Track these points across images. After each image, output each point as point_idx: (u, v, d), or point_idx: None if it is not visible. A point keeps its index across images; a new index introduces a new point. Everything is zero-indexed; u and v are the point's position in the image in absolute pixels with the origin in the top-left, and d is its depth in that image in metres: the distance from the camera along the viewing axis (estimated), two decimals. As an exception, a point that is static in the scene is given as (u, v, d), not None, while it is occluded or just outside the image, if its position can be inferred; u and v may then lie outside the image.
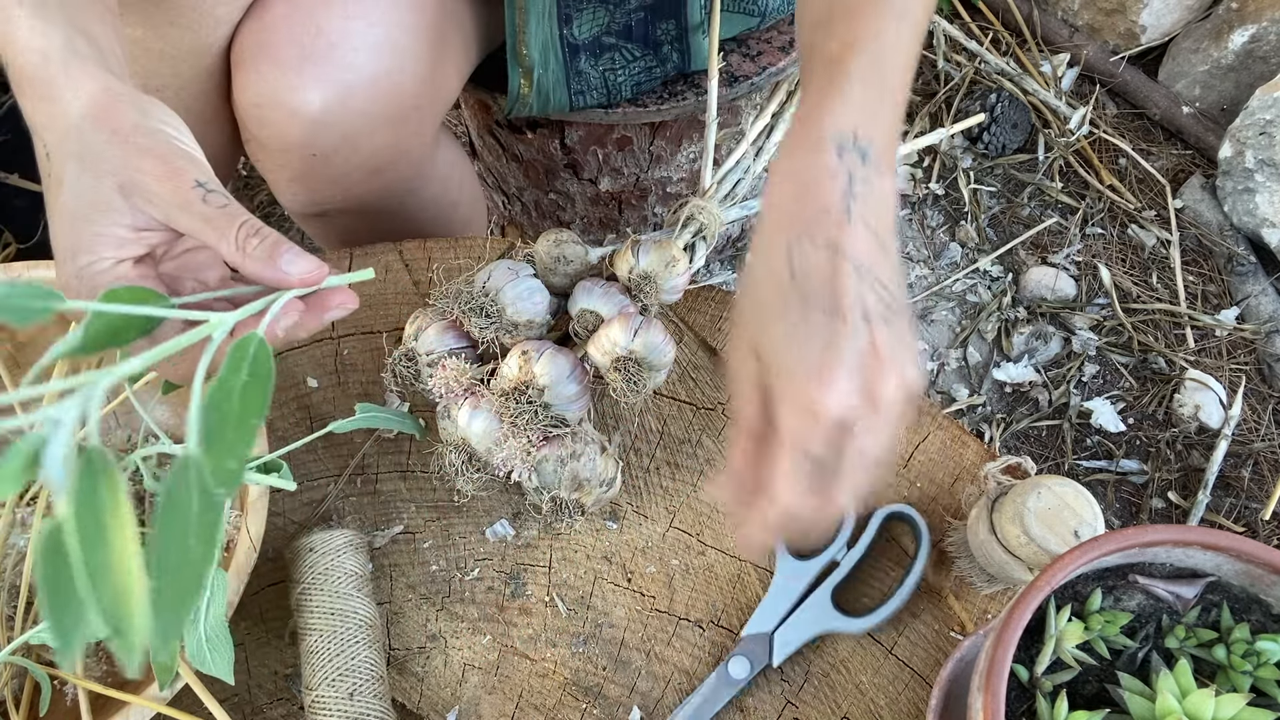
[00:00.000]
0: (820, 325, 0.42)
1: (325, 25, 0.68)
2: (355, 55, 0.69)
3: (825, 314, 0.42)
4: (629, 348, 0.64)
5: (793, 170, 0.47)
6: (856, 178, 0.46)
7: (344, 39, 0.68)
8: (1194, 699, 0.45)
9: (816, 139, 0.47)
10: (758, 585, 0.69)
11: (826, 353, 0.42)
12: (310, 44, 0.68)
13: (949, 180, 1.48)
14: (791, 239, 0.44)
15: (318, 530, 0.65)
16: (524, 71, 0.83)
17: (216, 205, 0.44)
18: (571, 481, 0.65)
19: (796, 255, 0.44)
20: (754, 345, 0.45)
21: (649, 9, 0.83)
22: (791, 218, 0.45)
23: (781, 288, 0.44)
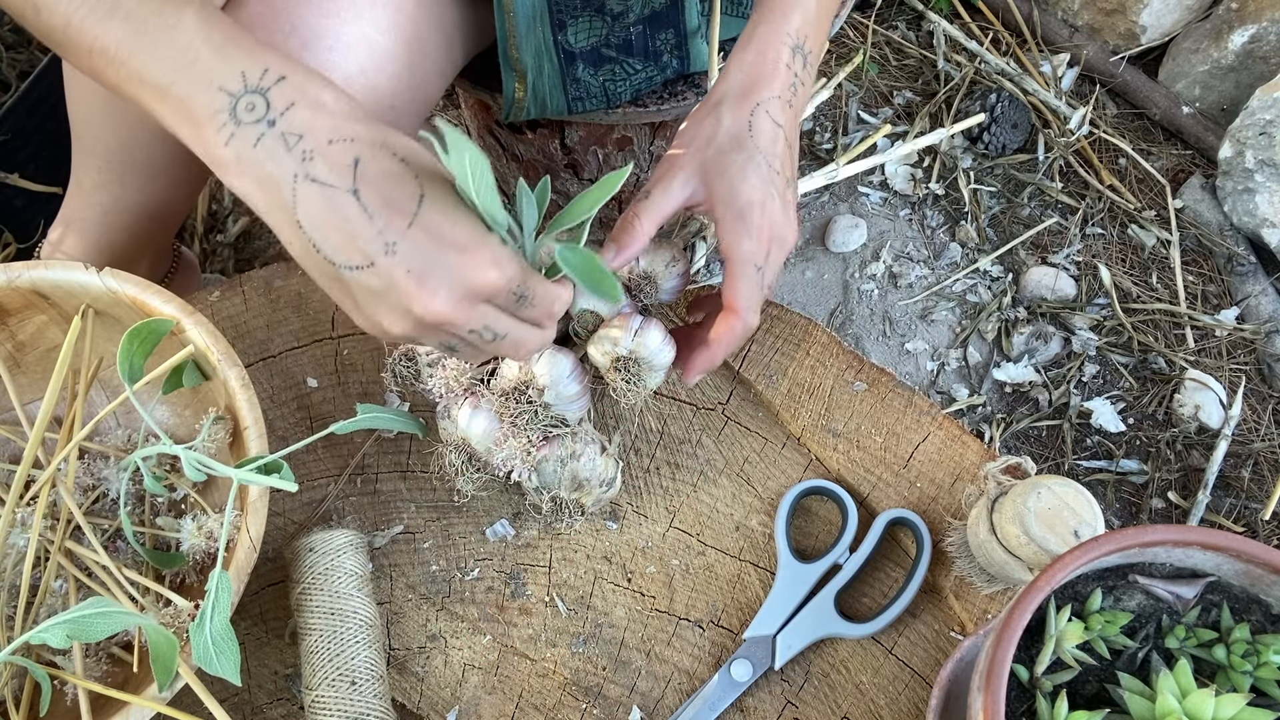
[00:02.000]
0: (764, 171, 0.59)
1: (299, 23, 0.67)
2: (330, 54, 0.68)
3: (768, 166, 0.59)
4: (629, 348, 0.64)
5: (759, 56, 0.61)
6: (799, 78, 0.63)
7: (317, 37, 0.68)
8: (1194, 699, 0.45)
9: (782, 35, 0.62)
10: (758, 585, 0.69)
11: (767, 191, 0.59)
12: (284, 43, 0.67)
13: (949, 180, 1.48)
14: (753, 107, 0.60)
15: (318, 530, 0.65)
16: (518, 75, 0.82)
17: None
18: (571, 481, 0.66)
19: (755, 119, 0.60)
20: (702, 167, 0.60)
21: (647, 21, 0.83)
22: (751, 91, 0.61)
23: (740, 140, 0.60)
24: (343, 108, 0.47)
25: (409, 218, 0.46)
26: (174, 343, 0.63)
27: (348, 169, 0.46)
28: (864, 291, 1.40)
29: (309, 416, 0.74)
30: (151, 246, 0.98)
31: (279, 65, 0.47)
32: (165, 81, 0.48)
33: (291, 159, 0.46)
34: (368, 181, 0.46)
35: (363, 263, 0.46)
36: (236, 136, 0.46)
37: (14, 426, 0.69)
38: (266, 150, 0.46)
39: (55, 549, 0.61)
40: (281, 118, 0.46)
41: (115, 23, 0.48)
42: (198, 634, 0.54)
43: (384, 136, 0.47)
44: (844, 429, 0.72)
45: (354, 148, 0.46)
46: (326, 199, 0.46)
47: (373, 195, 0.45)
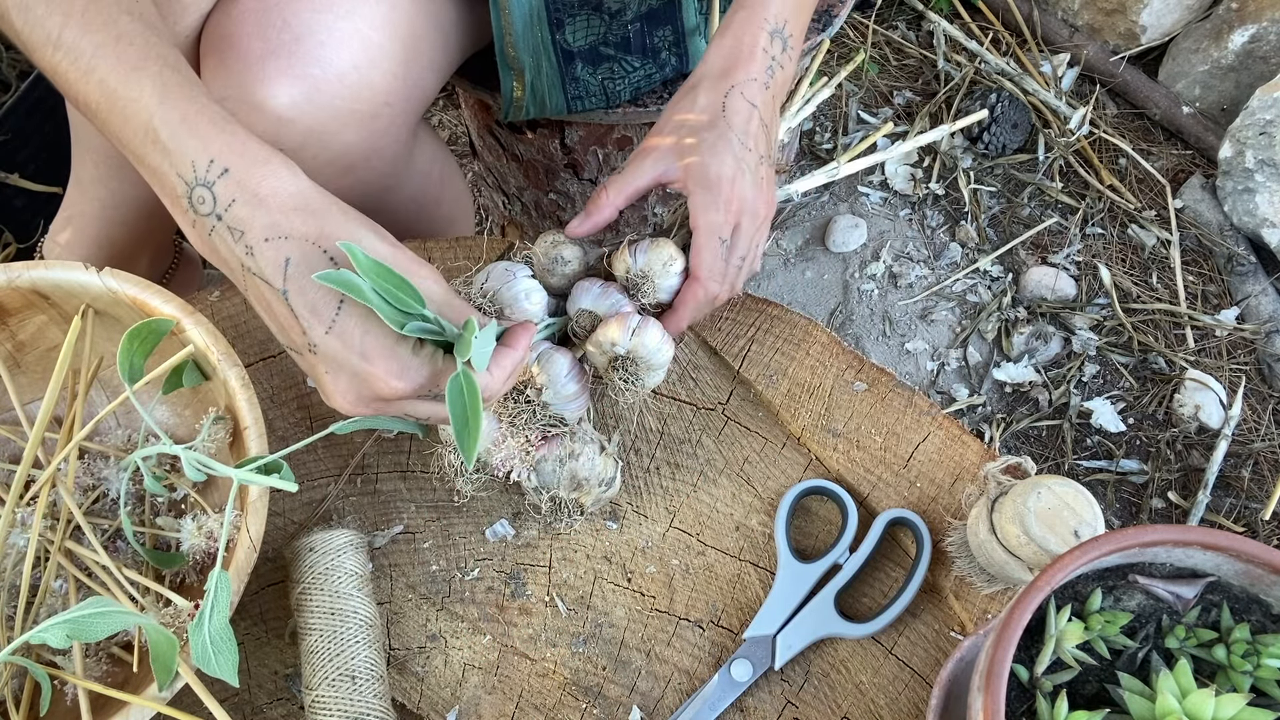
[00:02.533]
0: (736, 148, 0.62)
1: (292, 18, 0.67)
2: (322, 49, 0.68)
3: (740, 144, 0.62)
4: (626, 347, 0.64)
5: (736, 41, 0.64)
6: (776, 61, 0.65)
7: (310, 33, 0.67)
8: (1194, 699, 0.45)
9: (759, 21, 0.64)
10: (758, 585, 0.69)
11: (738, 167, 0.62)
12: (276, 37, 0.67)
13: (949, 180, 1.48)
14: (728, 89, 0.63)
15: (318, 530, 0.65)
16: (516, 74, 0.82)
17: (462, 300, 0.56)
18: (570, 481, 0.66)
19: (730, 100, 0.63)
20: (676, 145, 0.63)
21: (644, 19, 0.83)
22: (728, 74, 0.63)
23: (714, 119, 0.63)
24: (282, 201, 0.50)
25: (327, 325, 0.50)
26: (174, 343, 0.63)
27: (279, 269, 0.49)
28: (864, 291, 1.40)
29: (309, 416, 0.74)
30: (151, 242, 0.98)
31: (224, 155, 0.50)
32: (138, 151, 0.51)
33: (239, 249, 0.50)
34: (295, 283, 0.49)
35: (295, 349, 0.52)
36: (197, 223, 0.51)
37: (14, 426, 0.69)
38: (220, 239, 0.50)
39: (55, 549, 0.61)
40: (227, 212, 0.50)
41: (91, 85, 0.51)
42: (196, 634, 0.54)
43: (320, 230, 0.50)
44: (844, 429, 0.72)
45: (286, 247, 0.49)
46: (264, 293, 0.50)
47: (298, 298, 0.49)
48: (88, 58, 0.51)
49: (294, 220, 0.50)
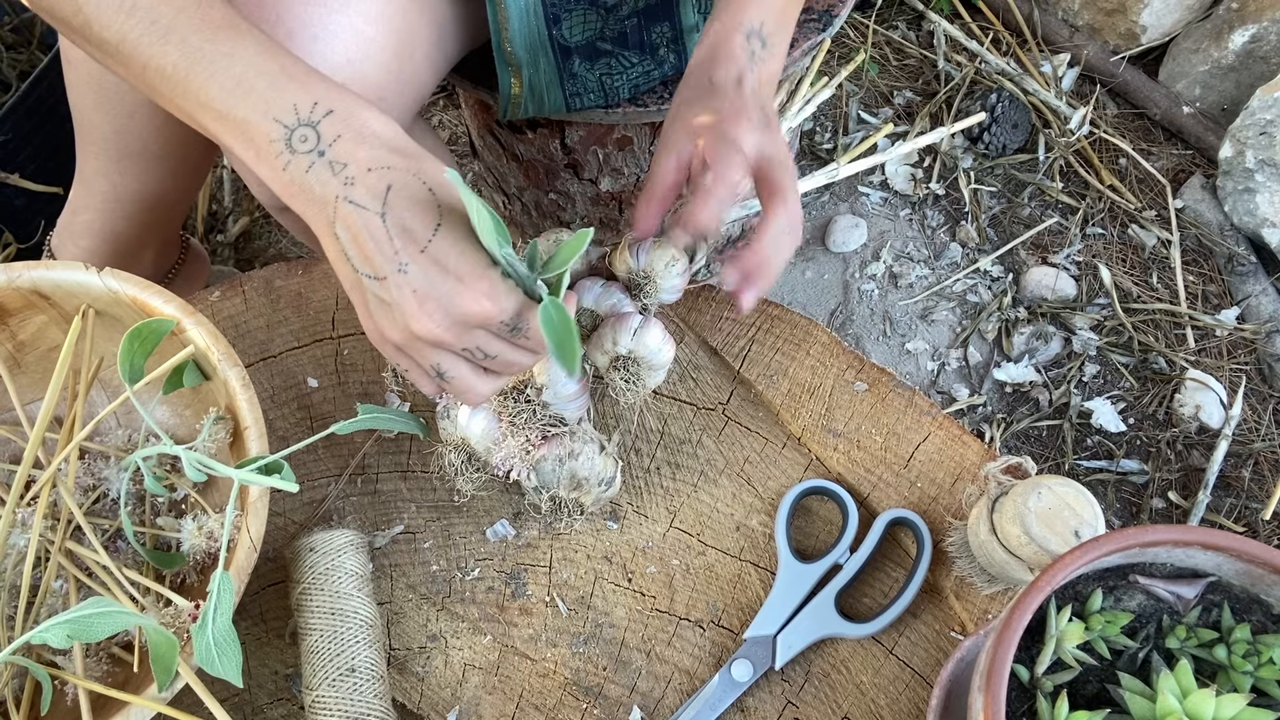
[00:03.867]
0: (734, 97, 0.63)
1: (285, 12, 0.67)
2: (315, 44, 0.68)
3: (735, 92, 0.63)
4: (628, 347, 0.64)
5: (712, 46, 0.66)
6: (756, 55, 0.66)
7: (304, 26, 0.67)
8: (1194, 699, 0.45)
9: (733, 26, 0.66)
10: (758, 585, 0.69)
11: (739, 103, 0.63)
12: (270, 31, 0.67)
13: (949, 180, 1.48)
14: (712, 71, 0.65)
15: (318, 530, 0.65)
16: (513, 70, 0.82)
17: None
18: (570, 480, 0.65)
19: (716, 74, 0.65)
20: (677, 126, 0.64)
21: (641, 14, 0.83)
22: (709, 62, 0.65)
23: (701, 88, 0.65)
24: (384, 139, 0.52)
25: (422, 245, 0.51)
26: (174, 343, 0.63)
27: (380, 194, 0.51)
28: (864, 291, 1.40)
29: (309, 416, 0.74)
30: (157, 236, 0.99)
31: (327, 98, 0.52)
32: (223, 107, 0.52)
33: (336, 182, 0.51)
34: (394, 208, 0.51)
35: (380, 274, 0.52)
36: (292, 164, 0.52)
37: (14, 426, 0.69)
38: (316, 176, 0.52)
39: (55, 549, 0.61)
40: (330, 148, 0.52)
41: (171, 46, 0.52)
42: (200, 635, 0.54)
43: (419, 166, 0.52)
44: (844, 429, 0.72)
45: (388, 175, 0.51)
46: (360, 218, 0.51)
47: (395, 220, 0.51)
48: (167, 20, 0.52)
49: (395, 157, 0.52)
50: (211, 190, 1.44)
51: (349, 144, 0.52)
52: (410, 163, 0.52)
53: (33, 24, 1.39)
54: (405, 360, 0.56)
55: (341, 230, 0.52)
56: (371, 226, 0.51)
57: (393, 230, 0.51)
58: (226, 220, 1.43)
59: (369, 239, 0.51)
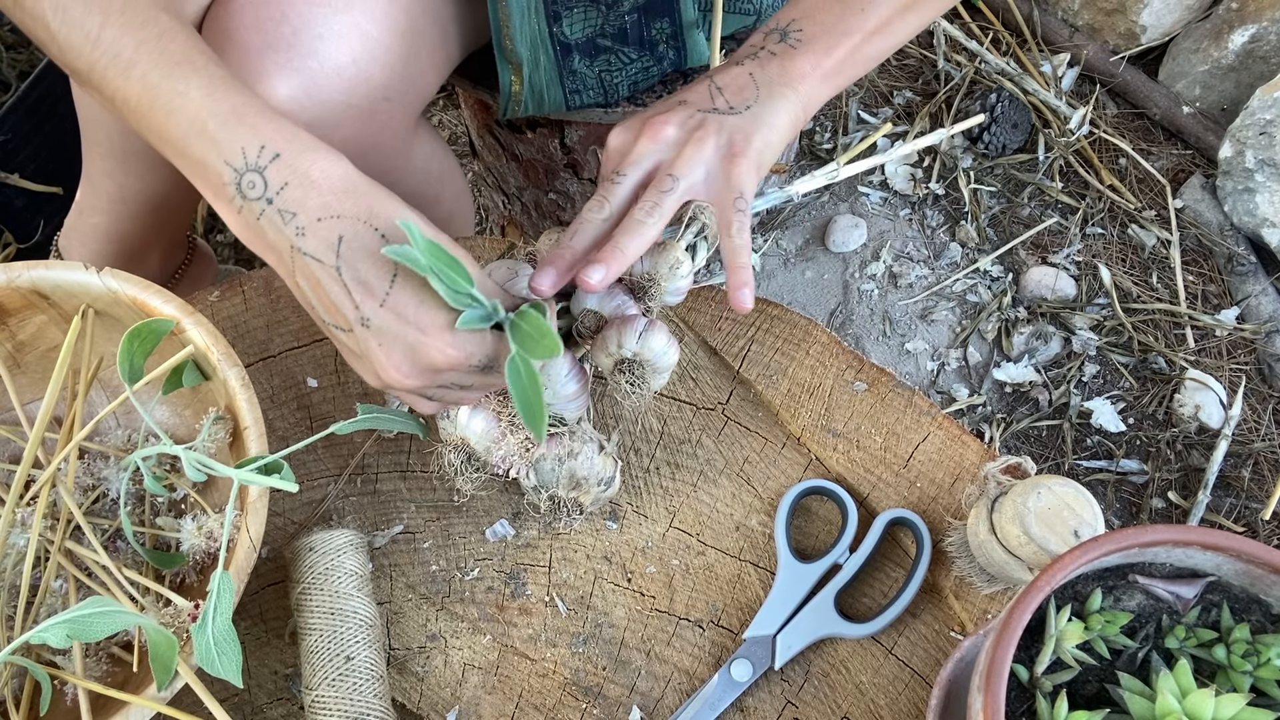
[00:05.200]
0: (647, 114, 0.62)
1: (290, 12, 0.67)
2: (320, 43, 0.68)
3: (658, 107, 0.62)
4: (633, 350, 0.64)
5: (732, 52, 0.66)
6: (767, 49, 0.63)
7: (308, 26, 0.67)
8: (1194, 699, 0.45)
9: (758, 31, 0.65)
10: (758, 585, 0.69)
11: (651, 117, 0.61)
12: (274, 31, 0.67)
13: (949, 180, 1.48)
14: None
15: (318, 530, 0.65)
16: (514, 68, 0.82)
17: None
18: (569, 480, 0.65)
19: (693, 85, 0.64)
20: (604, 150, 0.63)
21: (642, 10, 0.83)
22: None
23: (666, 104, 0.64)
24: (333, 183, 0.51)
25: (380, 298, 0.51)
26: (174, 343, 0.63)
27: (332, 246, 0.50)
28: (864, 291, 1.40)
29: (309, 416, 0.74)
30: (162, 237, 0.99)
31: (275, 141, 0.51)
32: (181, 145, 0.52)
33: (289, 231, 0.51)
34: (347, 260, 0.51)
35: (345, 326, 0.52)
36: (244, 209, 0.52)
37: (14, 426, 0.69)
38: (268, 223, 0.51)
39: (55, 549, 0.61)
40: (278, 195, 0.51)
41: (133, 81, 0.52)
42: (200, 635, 0.54)
43: (370, 209, 0.51)
44: (844, 429, 0.72)
45: (339, 225, 0.51)
46: (315, 271, 0.51)
47: (351, 273, 0.51)
48: (129, 54, 0.52)
49: (345, 201, 0.51)
50: (211, 190, 1.44)
51: (297, 191, 0.51)
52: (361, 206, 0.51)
53: (32, 24, 1.39)
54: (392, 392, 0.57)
55: (302, 280, 0.52)
56: (328, 280, 0.51)
57: (350, 284, 0.51)
58: (226, 220, 1.43)
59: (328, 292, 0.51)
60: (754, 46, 0.64)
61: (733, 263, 0.61)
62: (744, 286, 0.61)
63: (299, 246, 0.51)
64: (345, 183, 0.52)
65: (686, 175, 0.60)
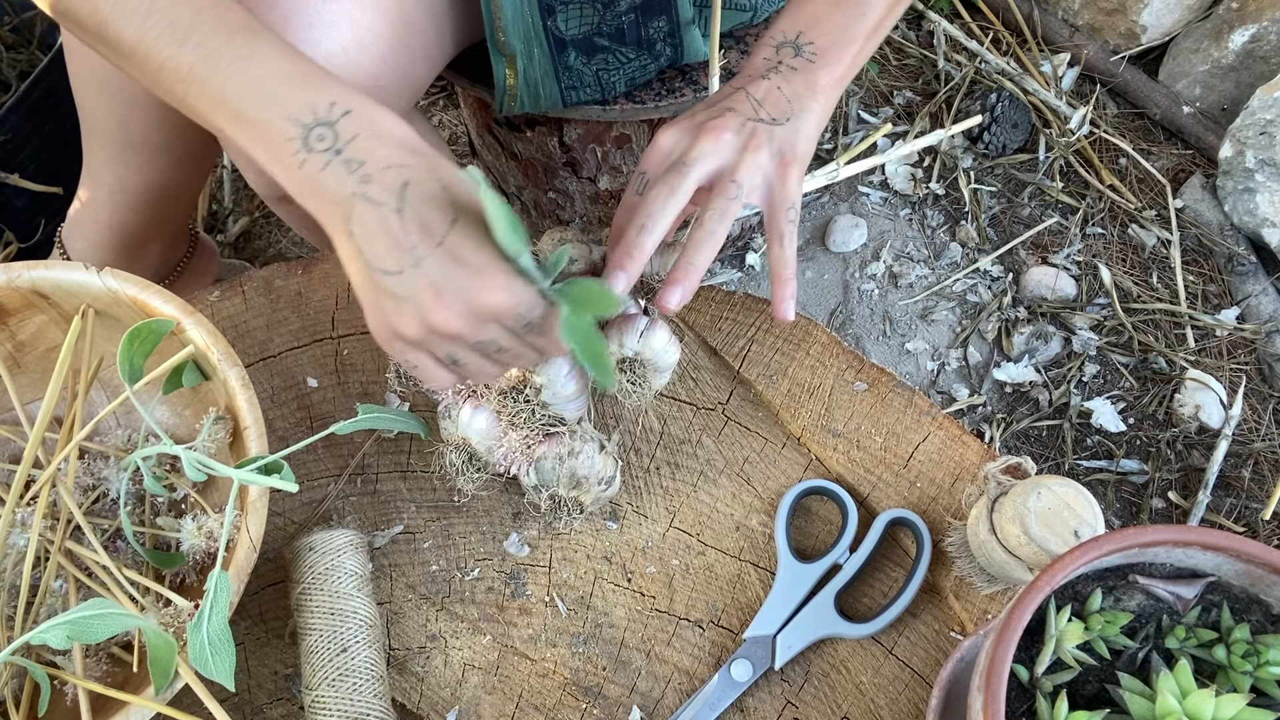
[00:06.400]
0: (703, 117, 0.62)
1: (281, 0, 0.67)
2: (310, 32, 0.67)
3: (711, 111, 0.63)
4: (634, 349, 0.64)
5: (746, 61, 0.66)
6: (785, 63, 0.64)
7: (297, 14, 0.67)
8: (1194, 699, 0.45)
9: (766, 39, 0.66)
10: (758, 585, 0.69)
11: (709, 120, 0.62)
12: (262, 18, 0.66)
13: (949, 180, 1.48)
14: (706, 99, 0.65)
15: (318, 530, 0.65)
16: (507, 60, 0.82)
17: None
18: (570, 479, 0.66)
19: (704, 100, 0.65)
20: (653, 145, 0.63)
21: (639, 9, 0.83)
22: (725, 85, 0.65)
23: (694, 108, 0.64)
24: (400, 139, 0.54)
25: (439, 239, 0.51)
26: (174, 343, 0.63)
27: (396, 191, 0.52)
28: (864, 291, 1.40)
29: (309, 416, 0.74)
30: (164, 229, 0.99)
31: (344, 99, 0.54)
32: (238, 108, 0.53)
33: (353, 180, 0.52)
34: (410, 204, 0.52)
35: (395, 269, 0.52)
36: (308, 162, 0.53)
37: (14, 426, 0.69)
38: (333, 173, 0.52)
39: (55, 549, 0.61)
40: (348, 146, 0.53)
41: (188, 48, 0.53)
42: (195, 635, 0.54)
43: (434, 164, 0.53)
44: (844, 429, 0.72)
45: (405, 173, 0.52)
46: (376, 214, 0.52)
47: (412, 215, 0.52)
48: (186, 21, 0.53)
49: (411, 156, 0.53)
50: (212, 190, 1.44)
51: (366, 142, 0.53)
52: (425, 161, 0.53)
53: (33, 24, 1.39)
54: (416, 355, 0.56)
55: (357, 227, 0.53)
56: (388, 221, 0.52)
57: (409, 225, 0.51)
58: (227, 220, 1.43)
59: (385, 234, 0.52)
60: (770, 61, 0.64)
61: (781, 274, 0.63)
62: (790, 299, 0.63)
63: (361, 192, 0.52)
64: (411, 140, 0.54)
65: (748, 181, 0.61)
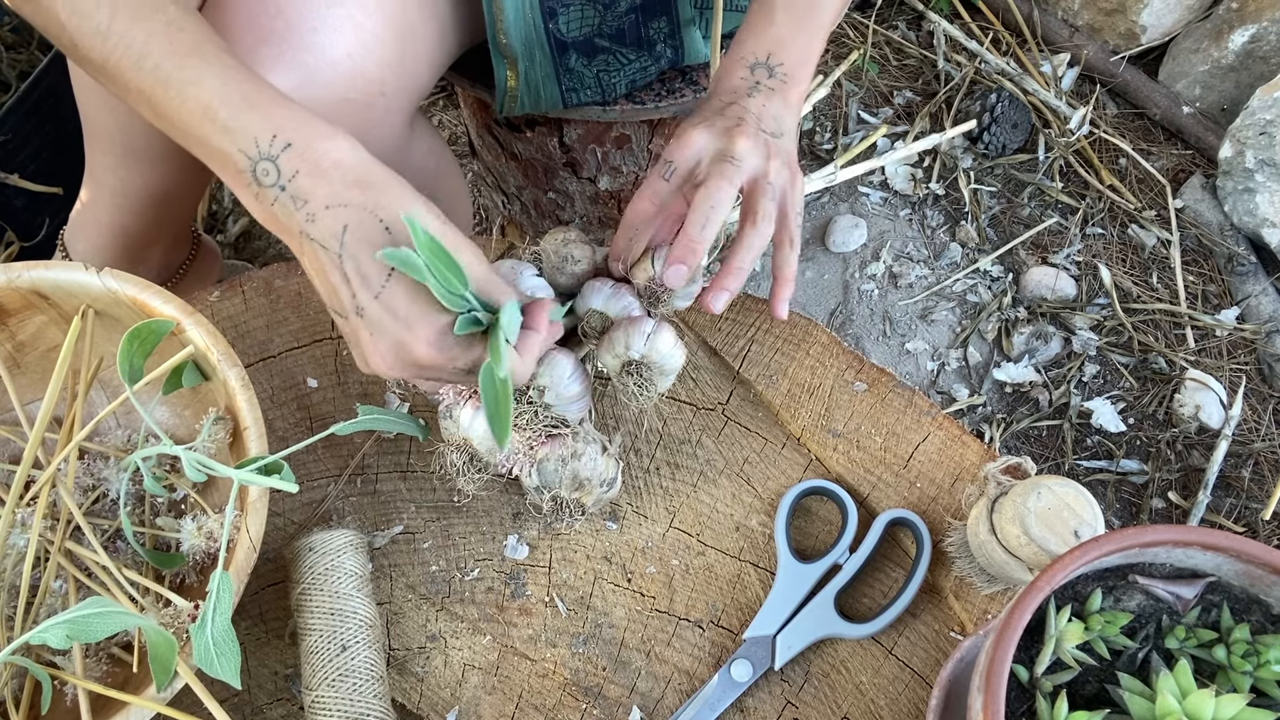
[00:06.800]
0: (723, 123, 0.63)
1: (285, 5, 0.67)
2: (315, 36, 0.68)
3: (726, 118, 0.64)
4: (640, 352, 0.64)
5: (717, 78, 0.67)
6: (761, 85, 0.66)
7: (303, 19, 0.67)
8: (1194, 699, 0.45)
9: (735, 59, 0.67)
10: (758, 586, 0.69)
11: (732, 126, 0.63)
12: (269, 25, 0.67)
13: (949, 180, 1.48)
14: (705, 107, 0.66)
15: (318, 530, 0.65)
16: (509, 63, 0.82)
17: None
18: (572, 481, 0.65)
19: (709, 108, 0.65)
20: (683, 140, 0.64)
21: (639, 10, 0.83)
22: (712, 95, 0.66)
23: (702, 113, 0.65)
24: (343, 172, 0.53)
25: (375, 290, 0.52)
26: (174, 343, 0.63)
27: (336, 235, 0.52)
28: (864, 291, 1.40)
29: (309, 416, 0.74)
30: (166, 231, 0.99)
31: (286, 129, 0.53)
32: (198, 134, 0.53)
33: (300, 217, 0.52)
34: (350, 250, 0.52)
35: (342, 313, 0.54)
36: (260, 195, 0.53)
37: (14, 426, 0.69)
38: (281, 208, 0.53)
39: (55, 549, 0.61)
40: (290, 183, 0.52)
41: (145, 72, 0.53)
42: (199, 635, 0.54)
43: (377, 202, 0.53)
44: (844, 429, 0.72)
45: (345, 214, 0.52)
46: (320, 257, 0.53)
47: (351, 263, 0.52)
48: (140, 46, 0.53)
49: (353, 192, 0.52)
50: (211, 191, 1.44)
51: (307, 179, 0.52)
52: (369, 198, 0.53)
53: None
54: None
55: (308, 265, 0.54)
56: (330, 267, 0.53)
57: (350, 273, 0.52)
58: (226, 220, 1.43)
59: (329, 278, 0.53)
60: (748, 81, 0.66)
61: (784, 275, 0.66)
62: (788, 300, 0.67)
63: (307, 232, 0.52)
64: (357, 172, 0.53)
65: (778, 184, 0.64)
